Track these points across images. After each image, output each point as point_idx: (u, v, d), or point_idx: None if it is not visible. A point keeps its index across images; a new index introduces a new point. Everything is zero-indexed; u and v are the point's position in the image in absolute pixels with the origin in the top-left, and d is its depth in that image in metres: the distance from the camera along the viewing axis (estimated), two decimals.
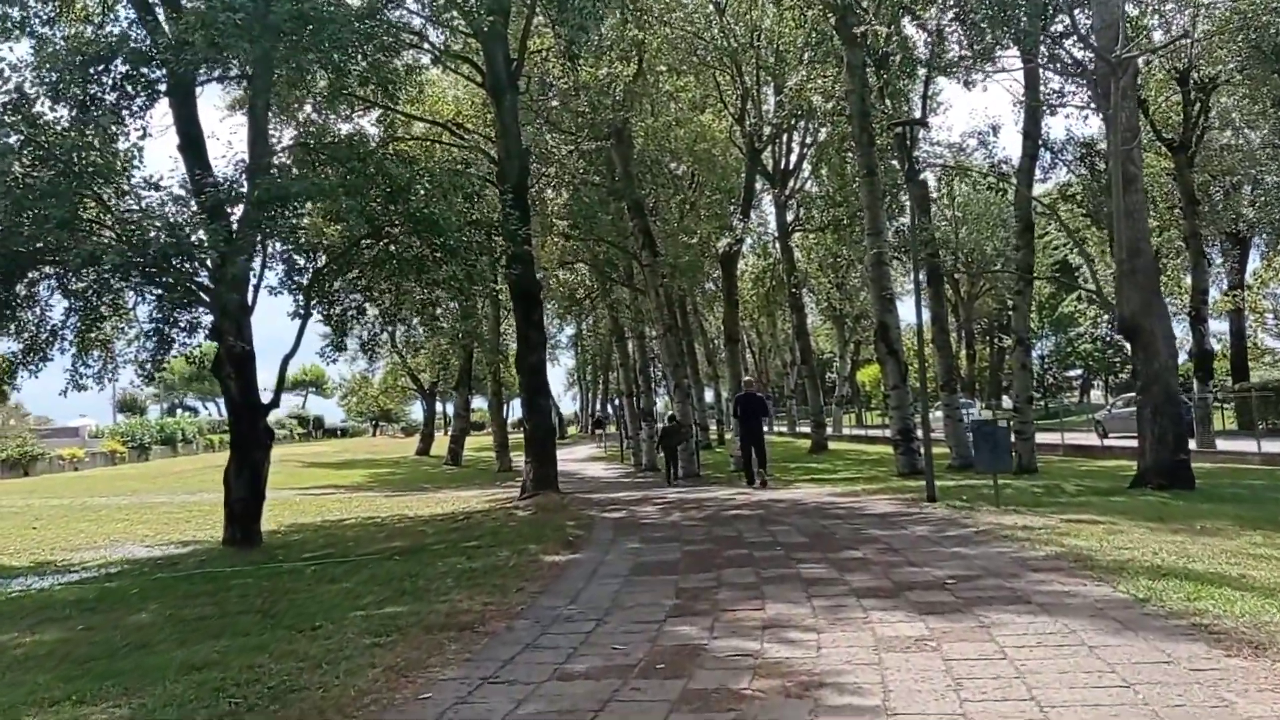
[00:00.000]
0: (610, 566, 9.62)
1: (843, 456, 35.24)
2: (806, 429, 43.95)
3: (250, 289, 15.49)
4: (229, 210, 14.93)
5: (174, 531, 18.97)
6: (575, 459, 47.73)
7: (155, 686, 5.95)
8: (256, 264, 15.95)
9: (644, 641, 6.23)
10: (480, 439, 64.55)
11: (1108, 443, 31.69)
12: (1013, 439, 19.37)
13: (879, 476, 23.62)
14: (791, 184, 40.33)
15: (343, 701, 5.23)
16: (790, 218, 41.38)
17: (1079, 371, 68.80)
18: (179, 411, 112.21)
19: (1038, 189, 29.09)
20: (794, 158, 40.22)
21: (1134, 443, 30.41)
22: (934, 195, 31.36)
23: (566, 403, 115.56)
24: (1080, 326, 61.70)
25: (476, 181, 19.25)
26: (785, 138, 39.57)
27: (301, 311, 16.46)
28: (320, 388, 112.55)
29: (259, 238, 14.88)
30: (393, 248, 16.75)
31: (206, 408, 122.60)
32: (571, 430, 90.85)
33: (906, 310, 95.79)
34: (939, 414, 45.37)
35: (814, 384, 40.57)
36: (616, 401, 54.11)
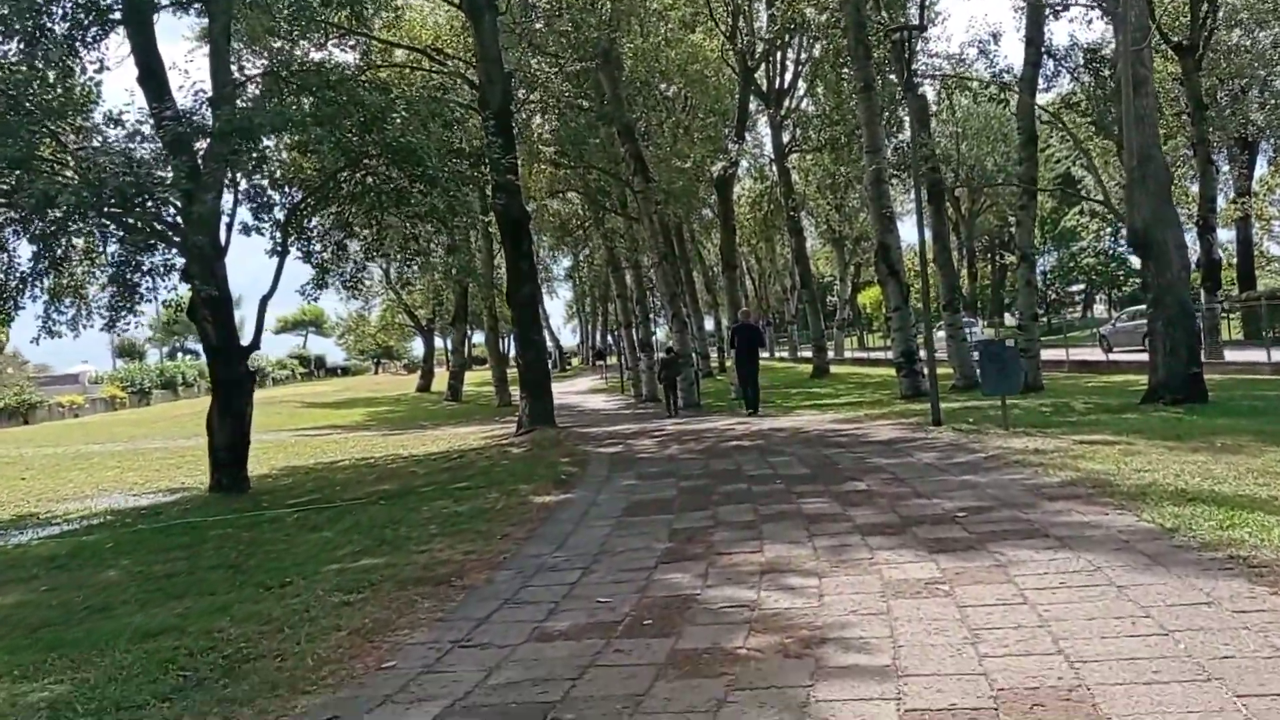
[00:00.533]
0: (602, 507, 9.15)
1: (844, 380, 34.79)
2: (808, 354, 43.48)
3: (222, 228, 14.89)
4: (194, 146, 14.27)
5: (164, 478, 18.56)
6: (576, 391, 47.37)
7: (104, 657, 5.49)
8: (228, 202, 15.36)
9: (632, 593, 5.75)
10: (481, 374, 64.11)
11: (1113, 357, 31.21)
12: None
13: (882, 400, 23.16)
14: (787, 103, 39.31)
15: (298, 674, 4.76)
16: (786, 139, 40.44)
17: (1081, 287, 68.04)
18: (179, 355, 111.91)
19: (1041, 99, 28.17)
20: (789, 76, 39.18)
21: (1140, 357, 29.95)
22: (933, 110, 30.33)
23: (567, 335, 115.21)
24: (1083, 241, 60.86)
25: (457, 108, 18.46)
26: (779, 55, 38.49)
27: (279, 250, 15.87)
28: (320, 327, 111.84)
29: (227, 173, 14.22)
30: (370, 180, 16.10)
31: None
32: (574, 362, 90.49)
33: (907, 230, 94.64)
34: (941, 335, 44.99)
35: (814, 308, 39.96)
36: (617, 333, 53.59)
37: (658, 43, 28.31)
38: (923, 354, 25.50)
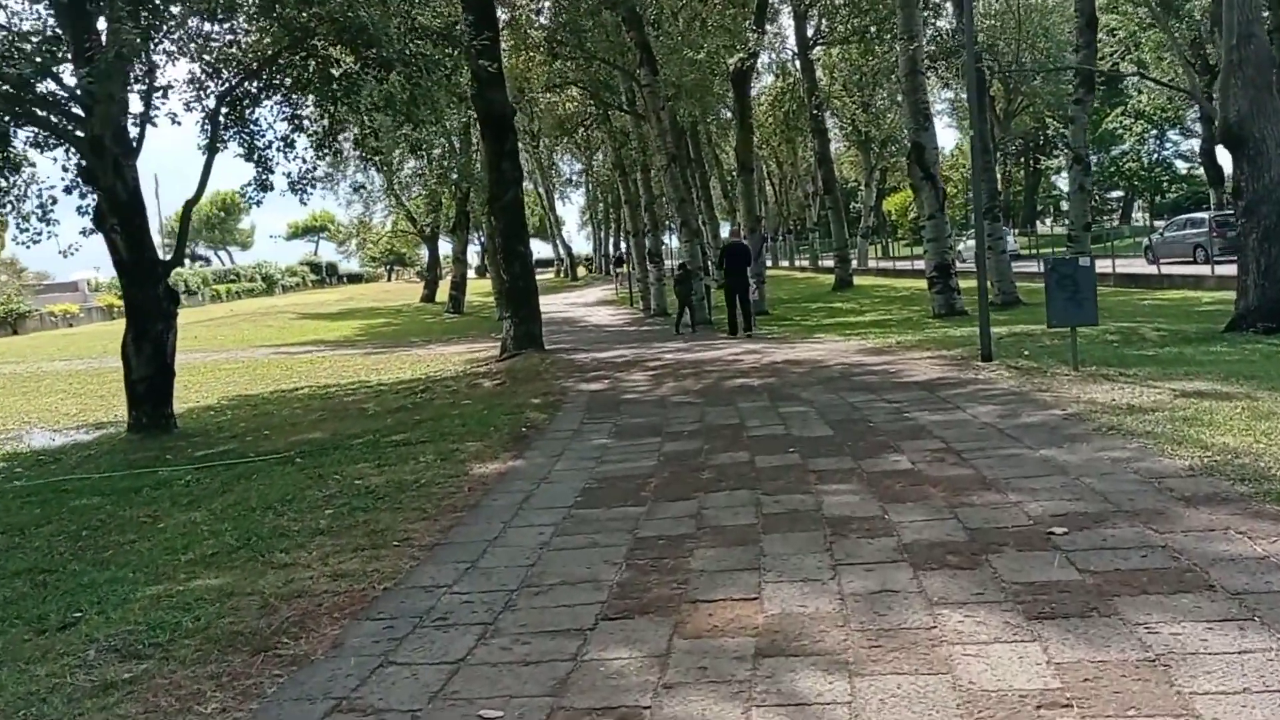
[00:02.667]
0: (554, 486, 6.86)
1: (869, 294, 32.33)
2: (830, 264, 40.88)
3: (132, 119, 12.46)
4: (94, 15, 11.77)
5: (101, 409, 16.45)
6: (584, 303, 45.05)
7: None
8: (142, 87, 12.91)
9: (540, 693, 3.49)
10: (487, 284, 61.47)
11: (1162, 270, 28.54)
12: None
13: (913, 320, 20.79)
14: None
15: None
16: (811, 31, 37.28)
17: (1119, 194, 64.68)
18: (188, 262, 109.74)
19: None
20: None
21: (1191, 270, 27.31)
22: None
23: (580, 242, 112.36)
24: (1124, 144, 57.34)
25: None
26: None
27: (210, 145, 13.46)
28: (332, 233, 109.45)
29: (134, 47, 11.73)
30: (313, 63, 13.59)
31: (219, 256, 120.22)
32: (581, 272, 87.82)
33: (941, 131, 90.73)
34: (970, 242, 42.20)
35: (838, 215, 37.26)
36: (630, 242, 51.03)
37: None
38: (960, 265, 23.07)
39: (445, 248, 55.99)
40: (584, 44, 25.24)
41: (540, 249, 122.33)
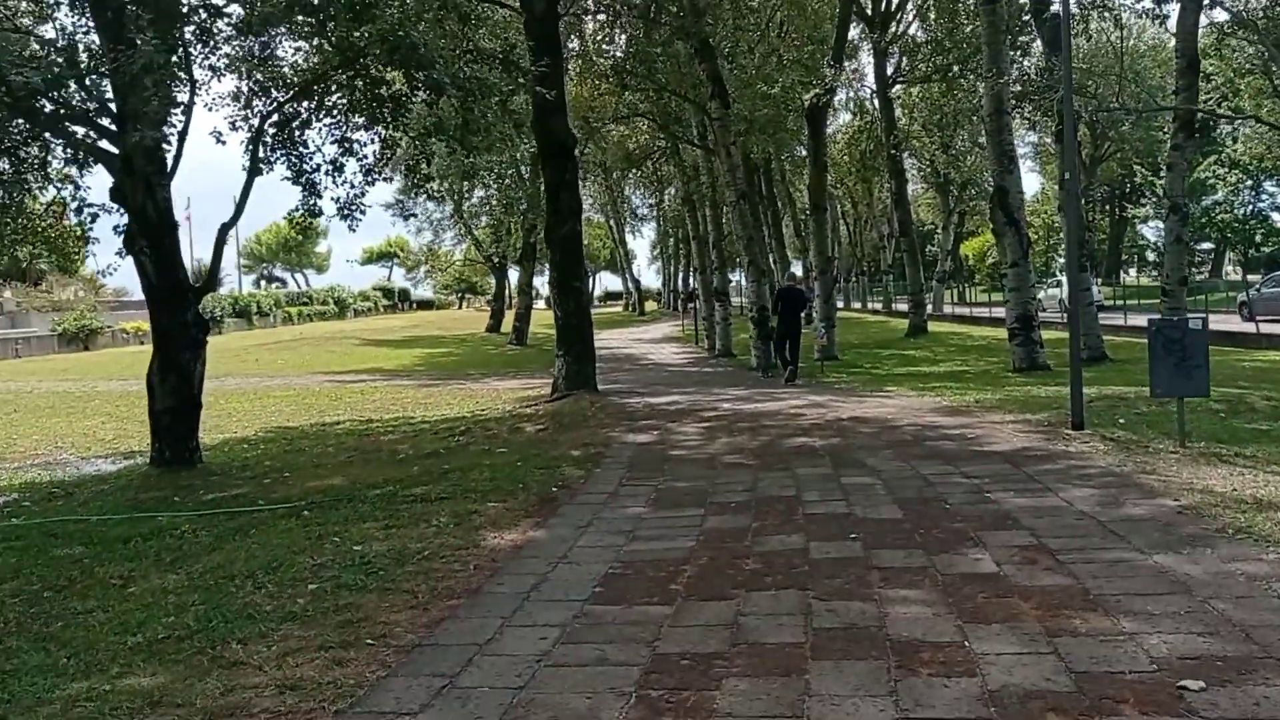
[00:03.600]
0: (571, 572, 5.89)
1: (944, 342, 30.95)
2: (904, 307, 39.54)
3: (172, 134, 11.88)
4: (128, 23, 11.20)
5: (138, 436, 15.83)
6: (649, 339, 44.19)
7: None
8: (182, 99, 12.34)
9: None
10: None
11: (1261, 329, 26.77)
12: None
13: (992, 374, 19.53)
14: (894, 28, 35.06)
15: None
16: (890, 70, 36.21)
17: (1210, 246, 62.20)
18: (262, 283, 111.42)
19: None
20: None
21: None
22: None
23: (651, 276, 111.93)
24: (1217, 194, 55.06)
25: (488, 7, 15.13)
26: None
27: (251, 166, 12.84)
28: (402, 260, 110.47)
29: (154, 61, 11.16)
30: (359, 83, 12.93)
31: (295, 279, 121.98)
32: (650, 306, 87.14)
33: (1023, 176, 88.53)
34: (1052, 291, 40.51)
35: (913, 258, 35.97)
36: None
37: None
38: (1041, 316, 21.78)
39: (514, 277, 55.73)
40: (654, 74, 24.48)
41: (611, 281, 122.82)
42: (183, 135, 12.14)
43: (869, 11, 34.13)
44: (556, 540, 6.63)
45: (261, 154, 12.67)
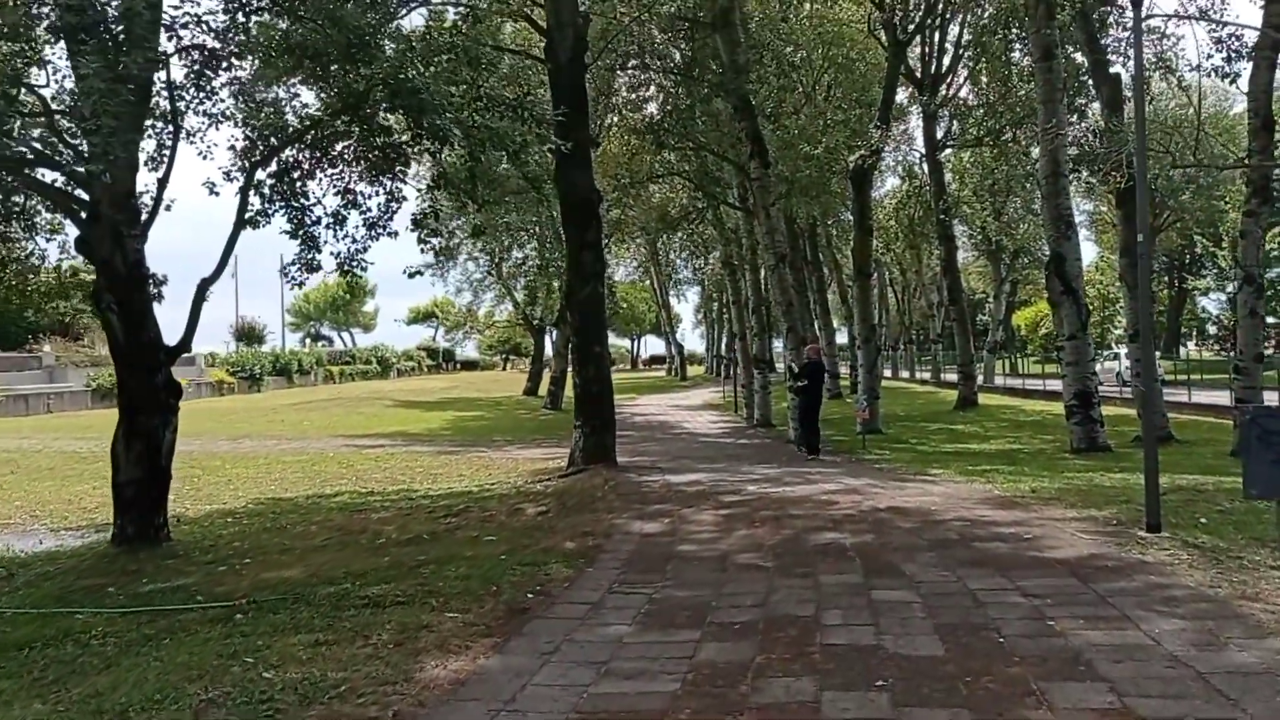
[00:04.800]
0: None
1: (995, 416, 29.34)
2: (953, 377, 37.94)
3: (149, 180, 10.99)
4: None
5: None
6: (687, 405, 42.84)
7: None
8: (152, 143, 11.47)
9: None
10: None
11: None
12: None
13: (1047, 454, 18.02)
14: (943, 91, 33.93)
15: None
16: (940, 133, 35.07)
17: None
18: (307, 341, 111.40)
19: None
20: (947, 60, 33.82)
21: None
22: (1126, 96, 24.43)
23: (695, 340, 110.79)
24: None
25: (487, 46, 14.19)
26: (936, 36, 33.19)
27: (238, 218, 11.88)
28: (440, 320, 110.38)
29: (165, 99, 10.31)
30: (358, 129, 11.98)
31: (341, 337, 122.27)
32: (693, 371, 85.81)
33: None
34: (1109, 364, 38.59)
35: (963, 327, 34.43)
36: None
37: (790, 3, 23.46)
38: (1138, 391, 20.23)
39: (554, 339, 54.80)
40: (691, 132, 23.51)
41: (656, 345, 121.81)
42: (162, 182, 11.23)
43: (918, 74, 33.12)
44: (509, 674, 5.33)
45: (259, 205, 11.72)
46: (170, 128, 11.36)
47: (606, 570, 7.97)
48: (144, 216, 10.94)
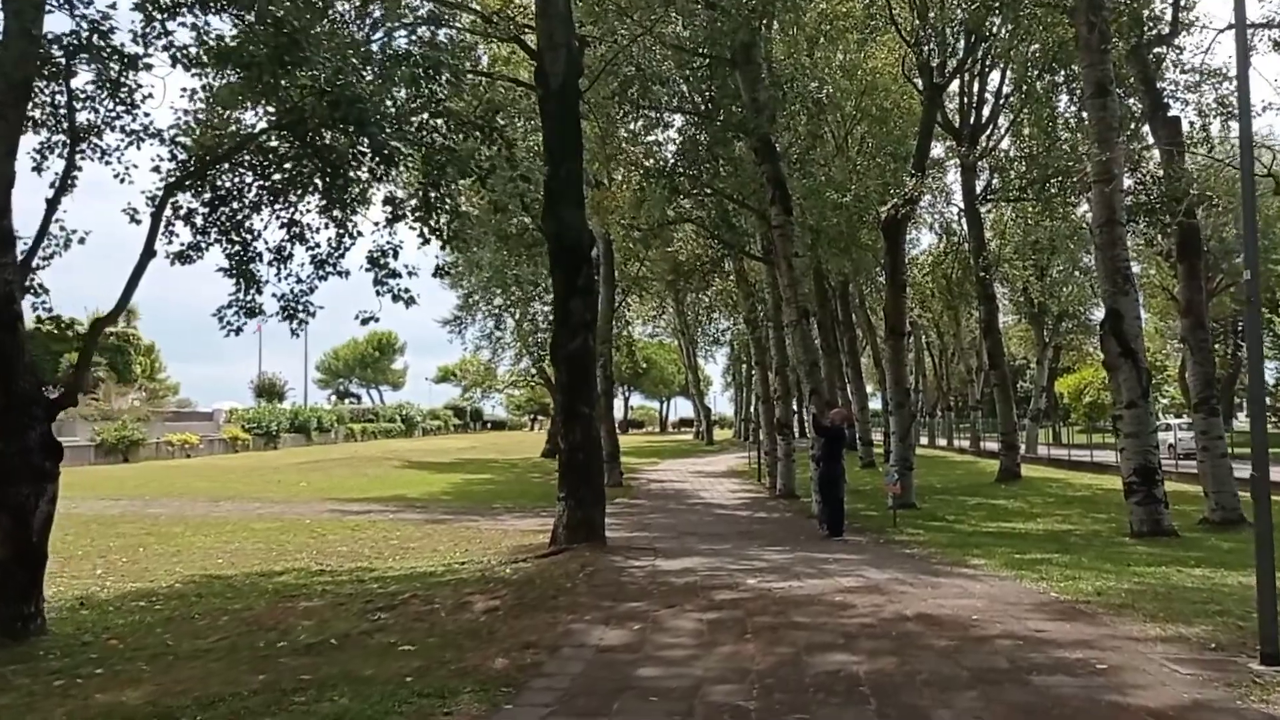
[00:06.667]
0: None
1: (1041, 490, 26.97)
2: (993, 445, 35.59)
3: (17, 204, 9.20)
4: None
5: (63, 578, 12.86)
6: (709, 472, 40.64)
7: None
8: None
9: None
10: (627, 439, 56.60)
11: None
12: None
13: (1103, 536, 15.83)
14: (983, 142, 32.02)
15: None
16: (980, 187, 33.17)
17: None
18: (333, 398, 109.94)
19: None
20: (986, 110, 32.00)
21: None
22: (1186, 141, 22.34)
23: (724, 403, 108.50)
24: None
25: (460, 55, 12.48)
26: (976, 86, 31.43)
27: (145, 248, 10.09)
28: (458, 379, 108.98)
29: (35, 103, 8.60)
30: (294, 149, 10.24)
31: (370, 395, 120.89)
32: (723, 434, 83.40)
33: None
34: (1169, 433, 35.91)
35: (1004, 394, 32.19)
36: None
37: (813, 35, 21.74)
38: (1166, 462, 17.92)
39: None
40: (704, 176, 21.69)
41: (685, 407, 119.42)
42: (52, 204, 9.48)
43: (956, 125, 31.30)
44: None
45: (155, 234, 9.93)
46: (67, 140, 9.68)
47: (529, 710, 5.90)
48: (25, 244, 9.21)
